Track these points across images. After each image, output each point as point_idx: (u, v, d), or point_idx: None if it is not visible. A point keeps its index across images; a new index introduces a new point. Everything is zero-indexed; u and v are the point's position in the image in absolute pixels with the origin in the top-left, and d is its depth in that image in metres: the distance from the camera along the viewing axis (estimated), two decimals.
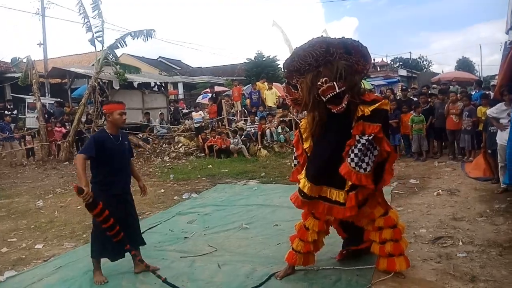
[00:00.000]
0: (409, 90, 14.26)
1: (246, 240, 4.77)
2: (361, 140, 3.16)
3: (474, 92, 12.03)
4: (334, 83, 3.14)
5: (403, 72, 38.26)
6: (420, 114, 9.48)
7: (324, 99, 3.20)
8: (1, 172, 11.28)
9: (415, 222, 4.97)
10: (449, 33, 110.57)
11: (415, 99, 11.22)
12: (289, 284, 3.55)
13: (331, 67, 3.22)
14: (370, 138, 3.16)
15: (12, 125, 13.95)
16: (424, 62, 55.91)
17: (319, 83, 3.18)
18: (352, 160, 3.16)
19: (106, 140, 3.80)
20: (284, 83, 3.78)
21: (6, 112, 15.56)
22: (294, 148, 3.77)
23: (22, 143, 13.45)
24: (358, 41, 3.25)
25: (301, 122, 3.67)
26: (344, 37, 3.25)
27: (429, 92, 11.09)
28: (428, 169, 8.43)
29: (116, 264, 4.07)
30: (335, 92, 3.14)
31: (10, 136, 12.91)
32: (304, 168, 3.46)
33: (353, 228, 3.72)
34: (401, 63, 49.36)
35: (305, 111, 3.58)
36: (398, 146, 10.13)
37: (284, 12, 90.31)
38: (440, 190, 6.38)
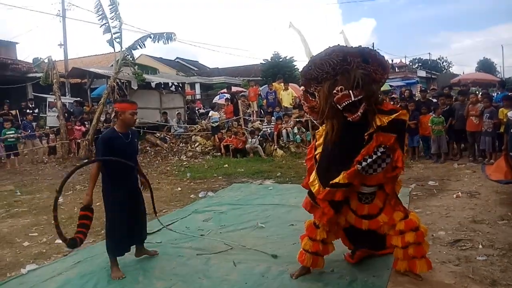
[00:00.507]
0: (428, 91, 14.04)
1: (262, 239, 4.78)
2: (377, 152, 3.19)
3: (496, 94, 11.79)
4: (350, 91, 3.14)
5: (422, 73, 37.74)
6: (440, 116, 9.33)
7: (340, 107, 3.20)
8: (23, 169, 11.57)
9: (434, 224, 4.89)
10: (470, 33, 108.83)
11: (434, 100, 11.05)
12: (304, 283, 3.54)
13: (348, 75, 3.22)
14: (384, 150, 3.19)
15: (34, 124, 14.30)
16: (444, 63, 55.06)
17: (334, 91, 3.19)
18: (360, 163, 3.20)
19: (115, 139, 3.87)
20: (301, 89, 3.79)
21: (28, 110, 15.94)
22: None
23: (45, 141, 13.75)
24: (376, 50, 3.26)
25: (317, 124, 3.68)
26: (361, 46, 3.28)
27: (450, 93, 10.86)
28: (447, 171, 8.29)
29: (133, 260, 4.14)
30: (350, 101, 3.15)
31: (32, 134, 13.23)
32: (315, 174, 3.45)
33: (364, 235, 3.69)
34: (420, 64, 48.70)
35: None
36: (416, 147, 10.00)
37: (301, 13, 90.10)
38: (459, 193, 6.27)
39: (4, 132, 12.18)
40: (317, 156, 3.53)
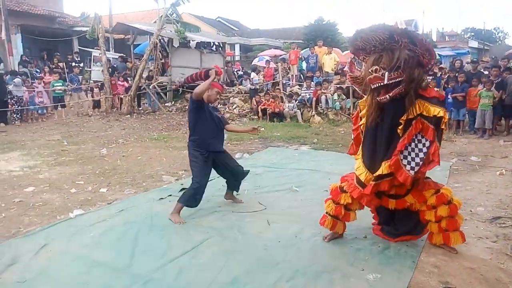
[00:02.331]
0: (479, 62, 13.28)
1: (296, 202, 4.86)
2: (415, 140, 3.14)
3: None
4: (386, 73, 3.03)
5: (474, 44, 35.55)
6: (491, 89, 8.87)
7: (372, 87, 3.13)
8: (69, 121, 12.12)
9: (473, 200, 4.78)
10: None
11: (486, 72, 10.48)
12: (336, 247, 3.60)
13: (392, 55, 3.10)
14: (428, 144, 3.12)
15: (80, 77, 14.81)
16: (500, 34, 51.43)
17: (369, 70, 3.10)
18: (406, 157, 3.15)
19: (202, 107, 4.36)
20: (349, 56, 3.71)
21: (74, 64, 16.49)
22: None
23: (89, 95, 14.26)
24: (421, 35, 3.12)
25: (359, 92, 3.61)
26: (406, 28, 3.14)
27: (509, 66, 10.17)
28: (492, 147, 7.97)
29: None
30: (381, 83, 3.06)
31: (78, 87, 13.74)
32: (360, 151, 3.45)
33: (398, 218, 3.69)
34: (472, 33, 45.79)
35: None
36: (462, 121, 9.63)
37: None
38: (503, 170, 6.05)
39: (53, 84, 12.71)
40: (361, 127, 3.49)
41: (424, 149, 3.15)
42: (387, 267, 3.21)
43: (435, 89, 9.49)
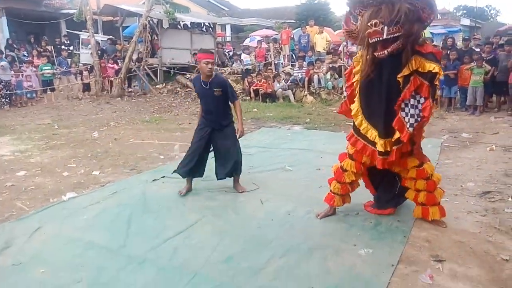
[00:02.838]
0: (471, 40, 13.25)
1: (289, 181, 4.88)
2: (417, 100, 3.12)
3: None
4: (385, 27, 2.96)
5: (466, 22, 35.34)
6: (483, 66, 8.87)
7: (370, 41, 3.06)
8: (59, 104, 11.98)
9: (463, 176, 4.84)
10: None
11: (477, 49, 10.47)
12: (329, 224, 3.65)
13: (392, 8, 2.99)
14: (422, 100, 3.11)
15: (68, 60, 14.56)
16: (492, 11, 51.21)
17: (369, 23, 3.01)
18: (407, 114, 3.13)
19: (196, 83, 4.44)
20: (345, 11, 3.59)
21: (62, 47, 16.19)
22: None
23: (79, 78, 14.06)
24: None
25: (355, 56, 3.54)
26: None
27: (500, 43, 10.14)
28: (483, 124, 8.04)
29: (167, 192, 4.36)
30: (381, 38, 2.98)
31: (67, 70, 13.53)
32: (360, 108, 3.41)
33: (384, 184, 3.77)
34: (465, 11, 45.51)
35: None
36: (453, 98, 9.67)
37: None
38: (493, 146, 6.11)
39: (41, 68, 12.49)
40: (355, 83, 3.45)
41: (420, 106, 3.13)
42: (379, 242, 3.27)
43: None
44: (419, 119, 3.14)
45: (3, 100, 11.48)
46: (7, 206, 4.26)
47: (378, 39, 2.99)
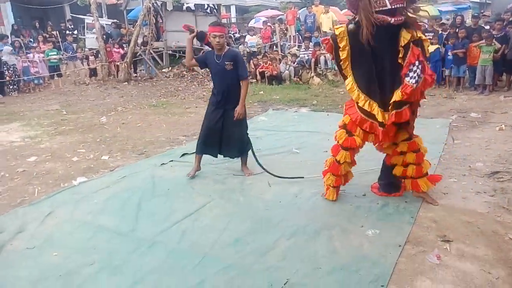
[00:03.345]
0: (480, 17, 12.95)
1: (296, 164, 4.89)
2: (416, 65, 3.12)
3: None
4: None
5: None
6: (493, 44, 8.70)
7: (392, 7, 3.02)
8: (66, 90, 12.02)
9: (472, 156, 4.82)
10: None
11: (487, 27, 10.25)
12: (336, 205, 3.67)
13: None
14: (420, 63, 3.12)
15: (74, 45, 14.54)
16: None
17: None
18: (413, 78, 3.12)
19: (210, 57, 4.34)
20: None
21: (67, 32, 16.15)
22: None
23: (85, 63, 14.06)
24: None
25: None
26: None
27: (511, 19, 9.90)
28: (492, 103, 7.93)
29: (175, 176, 4.41)
30: (386, 8, 2.99)
31: (73, 55, 13.53)
32: (354, 82, 3.39)
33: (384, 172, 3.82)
34: None
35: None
36: (462, 78, 9.54)
37: None
38: (503, 125, 6.05)
39: (47, 53, 12.51)
40: (341, 63, 3.41)
41: (418, 69, 3.13)
42: (386, 223, 3.29)
43: (436, 46, 9.38)
44: (420, 79, 3.14)
45: (11, 87, 11.55)
46: (19, 191, 4.34)
47: (400, 5, 3.02)
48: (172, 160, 5.08)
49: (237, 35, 18.43)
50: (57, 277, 2.76)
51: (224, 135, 4.43)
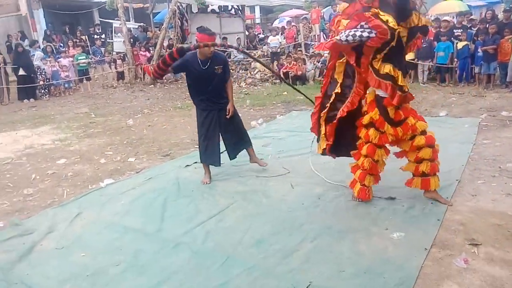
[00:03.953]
0: None
1: (319, 165, 4.84)
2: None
3: None
4: None
5: None
6: None
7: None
8: (95, 93, 12.36)
9: (502, 156, 4.65)
10: None
11: None
12: (360, 207, 3.62)
13: None
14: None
15: (102, 49, 14.91)
16: None
17: None
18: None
19: (193, 63, 4.15)
20: None
21: (96, 36, 16.59)
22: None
23: (113, 66, 14.41)
24: None
25: None
26: None
27: None
28: None
29: (199, 177, 4.47)
30: None
31: (101, 59, 13.88)
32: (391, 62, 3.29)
33: None
34: None
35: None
36: (492, 75, 9.23)
37: None
38: None
39: (77, 58, 12.89)
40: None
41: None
42: (411, 226, 3.22)
43: (465, 42, 9.13)
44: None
45: (42, 91, 11.97)
46: (49, 193, 4.50)
47: None
48: (196, 162, 5.12)
49: (261, 36, 18.47)
50: (85, 277, 2.85)
51: (224, 136, 4.49)
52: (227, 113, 4.38)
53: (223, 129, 4.45)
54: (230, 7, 16.88)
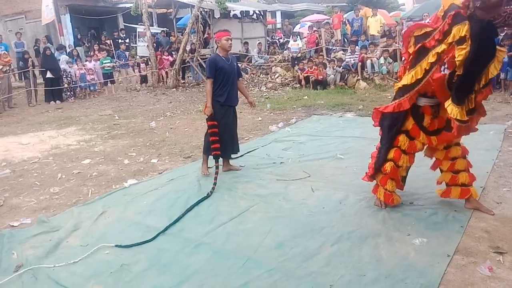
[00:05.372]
0: None
1: (340, 169, 4.85)
2: None
3: None
4: None
5: None
6: None
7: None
8: (119, 96, 12.61)
9: None
10: None
11: None
12: (382, 213, 3.59)
13: None
14: None
15: (126, 53, 15.23)
16: None
17: None
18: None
19: (219, 61, 4.59)
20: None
21: (120, 41, 16.94)
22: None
23: (136, 70, 14.70)
24: None
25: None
26: None
27: None
28: None
29: (219, 180, 4.51)
30: None
31: (125, 63, 14.17)
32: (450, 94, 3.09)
33: None
34: None
35: None
36: None
37: None
38: None
39: (102, 61, 13.20)
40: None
41: None
42: (434, 232, 3.18)
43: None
44: None
45: (68, 93, 12.30)
46: (74, 192, 4.62)
47: None
48: (220, 165, 5.18)
49: (282, 41, 18.49)
50: (109, 274, 2.91)
51: (228, 134, 4.79)
52: (252, 105, 5.12)
53: (230, 126, 4.83)
54: (251, 12, 17.00)
